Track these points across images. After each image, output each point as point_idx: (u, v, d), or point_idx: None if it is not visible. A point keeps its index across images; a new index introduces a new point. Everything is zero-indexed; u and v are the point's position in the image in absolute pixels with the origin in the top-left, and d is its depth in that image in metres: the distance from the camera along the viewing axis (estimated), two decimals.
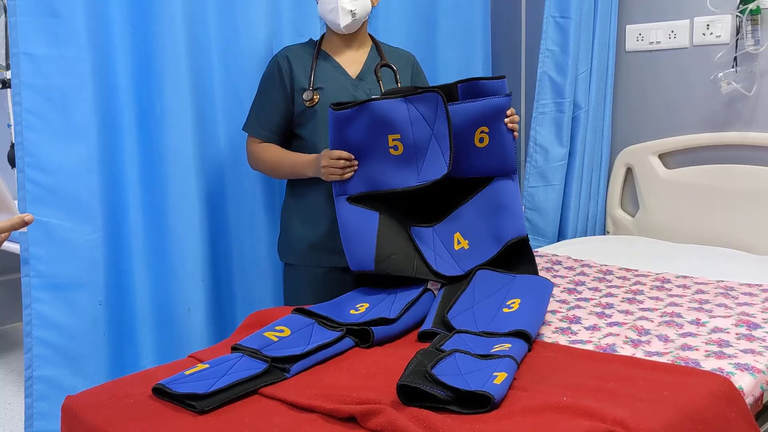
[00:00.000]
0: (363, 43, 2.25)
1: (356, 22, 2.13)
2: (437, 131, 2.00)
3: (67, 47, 1.92)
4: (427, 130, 2.01)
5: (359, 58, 2.23)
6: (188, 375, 1.52)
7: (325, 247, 2.19)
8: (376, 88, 2.19)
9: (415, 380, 1.38)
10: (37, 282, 1.90)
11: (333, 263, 2.19)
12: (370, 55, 2.25)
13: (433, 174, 2.01)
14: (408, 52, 2.37)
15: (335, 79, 2.17)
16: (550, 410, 1.30)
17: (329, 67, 2.19)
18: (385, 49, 2.29)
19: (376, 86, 2.19)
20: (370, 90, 2.18)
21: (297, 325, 1.75)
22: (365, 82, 2.19)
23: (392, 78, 2.25)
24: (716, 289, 2.15)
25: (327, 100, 2.12)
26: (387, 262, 2.00)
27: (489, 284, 1.93)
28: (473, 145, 2.08)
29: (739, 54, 2.75)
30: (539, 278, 1.97)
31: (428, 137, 2.01)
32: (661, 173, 3.02)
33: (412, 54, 2.37)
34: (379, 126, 1.99)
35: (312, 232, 2.20)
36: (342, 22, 2.10)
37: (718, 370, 1.54)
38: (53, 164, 1.91)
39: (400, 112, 1.99)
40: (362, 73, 2.20)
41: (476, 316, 1.78)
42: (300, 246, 2.22)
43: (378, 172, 2.02)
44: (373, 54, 2.25)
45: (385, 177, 2.02)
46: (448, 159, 1.99)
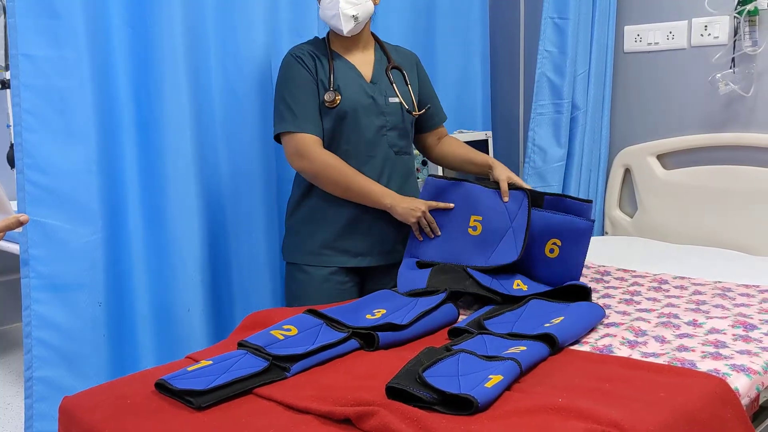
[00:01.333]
0: (368, 42, 2.27)
1: (359, 25, 2.15)
2: (516, 224, 2.09)
3: (67, 48, 1.92)
4: (508, 221, 2.10)
5: (368, 59, 2.25)
6: (191, 371, 1.53)
7: (332, 247, 2.20)
8: (391, 90, 2.22)
9: (402, 382, 1.40)
10: (37, 283, 1.91)
11: (339, 264, 2.20)
12: (377, 55, 2.27)
13: (501, 260, 2.08)
14: (410, 51, 2.39)
15: (353, 80, 2.18)
16: (545, 411, 1.31)
17: (345, 68, 2.19)
18: (388, 48, 2.31)
19: (390, 89, 2.22)
20: (386, 93, 2.21)
21: (305, 325, 1.75)
22: (379, 84, 2.22)
23: (402, 79, 2.27)
24: (713, 290, 2.16)
25: (347, 101, 2.14)
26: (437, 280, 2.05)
27: (540, 309, 1.90)
28: (542, 253, 2.13)
29: (737, 55, 2.76)
30: (593, 304, 1.91)
31: (507, 227, 2.10)
32: (659, 174, 3.02)
33: (414, 53, 2.39)
34: (466, 204, 2.14)
35: (320, 232, 2.20)
36: (345, 28, 2.11)
37: (714, 371, 1.54)
38: (52, 165, 1.92)
39: (489, 198, 2.11)
40: (375, 76, 2.23)
41: (515, 327, 1.76)
42: (307, 246, 2.21)
43: (453, 245, 2.13)
44: (378, 54, 2.27)
45: (457, 252, 2.12)
46: (520, 250, 2.06)
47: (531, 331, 1.70)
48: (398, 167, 2.25)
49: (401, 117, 2.24)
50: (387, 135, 2.21)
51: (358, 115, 2.16)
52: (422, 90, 2.36)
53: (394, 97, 2.22)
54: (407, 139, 2.30)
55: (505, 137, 3.45)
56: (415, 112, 2.27)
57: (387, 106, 2.21)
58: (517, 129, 3.43)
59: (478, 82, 3.19)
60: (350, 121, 2.15)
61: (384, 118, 2.20)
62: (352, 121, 2.15)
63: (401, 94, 2.24)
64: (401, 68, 2.28)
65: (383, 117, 2.20)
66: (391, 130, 2.22)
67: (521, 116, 3.40)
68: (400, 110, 2.24)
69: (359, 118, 2.16)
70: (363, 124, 2.17)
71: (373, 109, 2.18)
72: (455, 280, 2.05)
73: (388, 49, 2.30)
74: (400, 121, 2.24)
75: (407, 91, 2.28)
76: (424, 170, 2.72)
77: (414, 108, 2.28)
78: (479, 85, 3.19)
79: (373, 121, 2.18)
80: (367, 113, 2.17)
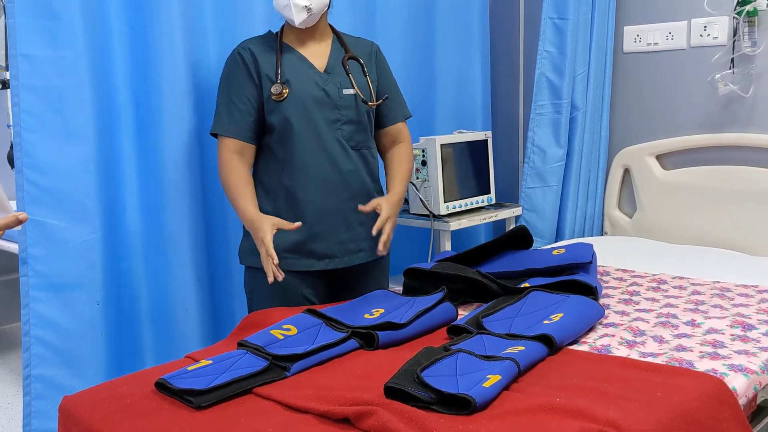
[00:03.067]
0: (324, 35, 2.15)
1: (313, 17, 2.04)
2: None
3: (66, 49, 1.92)
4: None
5: (323, 51, 2.13)
6: (190, 371, 1.54)
7: (296, 250, 2.07)
8: (346, 81, 2.10)
9: (401, 382, 1.40)
10: (36, 282, 1.91)
11: (305, 267, 2.08)
12: (333, 47, 2.15)
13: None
14: (370, 41, 2.26)
15: (303, 72, 2.07)
16: (542, 411, 1.31)
17: (295, 60, 2.08)
18: (347, 39, 2.19)
19: (346, 79, 2.10)
20: (340, 83, 2.09)
21: (304, 325, 1.76)
22: (333, 75, 2.10)
23: (360, 70, 2.15)
24: (712, 290, 2.16)
25: (296, 94, 2.04)
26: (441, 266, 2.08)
27: (539, 302, 1.89)
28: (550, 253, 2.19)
29: (736, 55, 2.76)
30: (592, 301, 1.90)
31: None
32: (659, 174, 3.03)
33: (375, 43, 2.26)
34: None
35: (282, 235, 2.01)
36: (297, 19, 2.01)
37: (712, 371, 1.54)
38: (52, 165, 1.92)
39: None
40: (329, 66, 2.11)
41: (513, 325, 1.76)
42: None
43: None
44: (336, 46, 2.16)
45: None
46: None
47: (529, 329, 1.71)
48: (353, 164, 2.11)
49: (357, 110, 2.11)
50: (342, 129, 2.08)
51: (309, 107, 2.05)
52: (381, 81, 2.21)
53: (350, 89, 2.09)
54: (366, 133, 2.15)
55: (504, 137, 3.45)
56: (372, 102, 2.13)
57: (341, 98, 2.08)
58: (516, 129, 3.43)
59: (478, 82, 3.19)
60: (300, 114, 2.04)
61: (338, 112, 2.08)
62: (302, 113, 2.04)
63: (358, 85, 2.11)
64: (359, 59, 2.15)
65: (337, 110, 2.08)
66: (346, 123, 2.09)
67: (521, 116, 3.40)
68: (355, 102, 2.10)
69: (310, 110, 2.05)
70: (314, 116, 2.05)
71: (325, 102, 2.06)
72: (459, 269, 2.08)
73: (346, 40, 2.18)
74: (356, 114, 2.11)
75: (365, 82, 2.14)
76: (424, 170, 2.72)
77: (372, 98, 2.14)
78: (479, 86, 3.19)
79: (325, 114, 2.06)
80: (319, 106, 2.06)
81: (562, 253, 2.17)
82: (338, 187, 2.08)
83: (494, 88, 3.36)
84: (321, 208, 2.07)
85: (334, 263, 2.11)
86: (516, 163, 3.44)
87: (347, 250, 2.11)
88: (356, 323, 1.80)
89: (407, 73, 2.89)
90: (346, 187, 2.09)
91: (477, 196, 2.90)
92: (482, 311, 1.85)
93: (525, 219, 3.03)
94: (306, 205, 2.06)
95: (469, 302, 2.12)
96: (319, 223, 2.07)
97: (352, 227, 2.11)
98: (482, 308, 1.89)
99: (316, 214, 2.07)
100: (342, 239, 2.10)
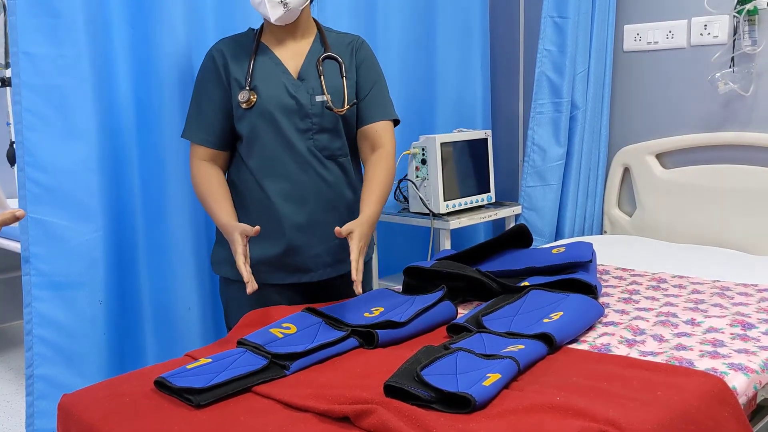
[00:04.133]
0: (306, 32, 2.01)
1: (290, 12, 1.90)
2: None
3: (67, 47, 1.92)
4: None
5: (301, 51, 2.00)
6: (190, 369, 1.54)
7: (272, 263, 2.00)
8: (318, 87, 1.96)
9: (400, 380, 1.40)
10: (38, 281, 1.91)
11: (279, 280, 2.01)
12: (314, 45, 2.01)
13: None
14: (355, 36, 2.09)
15: (274, 77, 1.95)
16: (542, 410, 1.31)
17: (268, 64, 1.96)
18: (331, 36, 2.05)
19: (318, 86, 1.96)
20: (313, 89, 1.96)
21: (304, 323, 1.76)
22: (307, 81, 1.96)
23: (337, 71, 2.00)
24: (712, 289, 2.16)
25: (264, 102, 1.93)
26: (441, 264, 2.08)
27: (539, 300, 1.89)
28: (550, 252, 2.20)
29: (736, 54, 2.76)
30: (592, 300, 1.89)
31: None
32: (658, 173, 3.03)
33: (359, 37, 2.09)
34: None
35: (256, 246, 1.94)
36: (273, 16, 1.88)
37: (712, 370, 1.54)
38: (53, 163, 1.92)
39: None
40: (303, 71, 1.97)
41: (513, 323, 1.76)
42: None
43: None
44: (317, 45, 2.02)
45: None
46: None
47: (529, 328, 1.71)
48: (329, 174, 2.00)
49: (331, 117, 1.98)
50: (314, 138, 1.97)
51: (277, 117, 1.93)
52: (363, 77, 2.04)
53: (321, 95, 1.96)
54: (342, 140, 2.02)
55: (504, 136, 3.45)
56: (339, 108, 1.97)
57: (312, 106, 1.96)
58: (516, 128, 3.43)
59: (478, 80, 3.19)
60: (269, 124, 1.94)
61: (309, 120, 1.96)
62: (271, 123, 1.94)
63: (332, 89, 1.97)
64: (337, 57, 1.99)
65: (308, 119, 1.96)
66: (318, 132, 1.97)
67: (521, 115, 3.40)
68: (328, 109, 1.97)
69: (278, 120, 1.93)
70: (283, 126, 1.94)
71: (295, 111, 1.94)
72: (459, 267, 2.09)
73: (328, 36, 2.04)
74: (329, 122, 1.98)
75: (341, 84, 1.98)
76: (424, 169, 2.72)
77: (343, 103, 1.97)
78: (479, 84, 3.20)
79: (295, 123, 1.95)
80: (289, 115, 1.94)
81: (561, 252, 2.18)
82: (313, 200, 1.98)
83: (494, 86, 3.36)
84: (296, 222, 1.97)
85: (309, 276, 2.04)
86: (516, 162, 3.44)
87: (323, 263, 2.03)
88: (356, 322, 1.80)
89: (407, 71, 2.89)
90: (321, 199, 1.99)
91: (477, 195, 2.90)
92: (482, 310, 1.85)
93: (525, 218, 3.03)
94: (281, 218, 1.97)
95: (468, 301, 2.12)
96: (294, 237, 1.98)
97: (328, 240, 2.00)
98: (482, 307, 1.89)
99: (291, 228, 1.97)
100: (318, 252, 2.02)
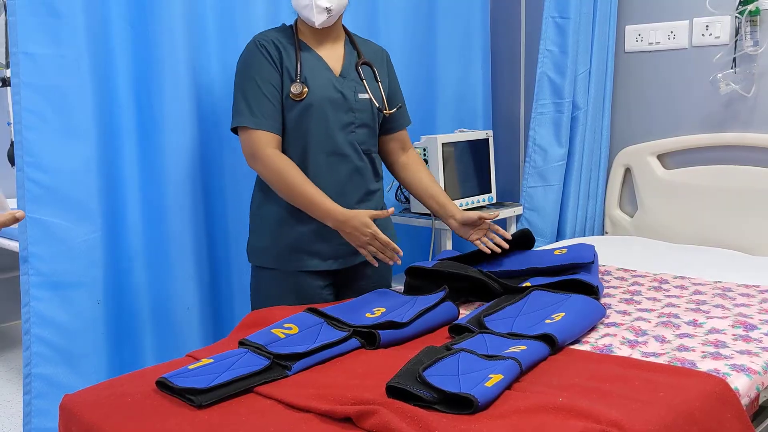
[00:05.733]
0: (338, 36, 2.14)
1: (332, 18, 2.03)
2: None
3: (67, 47, 1.92)
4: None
5: (337, 53, 2.12)
6: (191, 369, 1.54)
7: (304, 250, 2.06)
8: (361, 86, 2.11)
9: (403, 381, 1.40)
10: (36, 280, 1.91)
11: (311, 267, 2.08)
12: (347, 49, 2.15)
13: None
14: (380, 47, 2.27)
15: (321, 73, 2.06)
16: (545, 411, 1.31)
17: (313, 60, 2.06)
18: (358, 42, 2.19)
19: (360, 85, 2.11)
20: (355, 88, 2.09)
21: (306, 324, 1.76)
22: (348, 80, 2.09)
23: (372, 76, 2.16)
24: (714, 290, 2.16)
25: (314, 95, 2.02)
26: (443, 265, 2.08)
27: (541, 301, 1.89)
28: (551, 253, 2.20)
29: (738, 55, 2.76)
30: (594, 301, 1.89)
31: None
32: (660, 174, 3.02)
33: (385, 50, 2.27)
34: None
35: (288, 235, 2.05)
36: (317, 20, 2.00)
37: (714, 371, 1.54)
38: (52, 163, 1.92)
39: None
40: (344, 70, 2.10)
41: (515, 324, 1.75)
42: (277, 248, 2.07)
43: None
44: (348, 48, 2.15)
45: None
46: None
47: (531, 329, 1.71)
48: (364, 166, 2.12)
49: (371, 114, 2.12)
50: (355, 132, 2.09)
51: (326, 109, 2.04)
52: (391, 88, 2.24)
53: (364, 93, 2.10)
54: (375, 138, 2.18)
55: (505, 136, 3.45)
56: (386, 110, 2.16)
57: (356, 102, 2.09)
58: (517, 128, 3.43)
59: (479, 81, 3.19)
60: (317, 116, 2.03)
61: (353, 115, 2.08)
62: (318, 115, 2.03)
63: (371, 91, 2.12)
64: (371, 64, 2.16)
65: (352, 113, 2.08)
66: (359, 127, 2.10)
67: (522, 115, 3.40)
68: (370, 107, 2.12)
69: (326, 112, 2.04)
70: (330, 119, 2.04)
71: (341, 105, 2.06)
72: (461, 268, 2.09)
73: (358, 43, 2.18)
74: (370, 119, 2.12)
75: (377, 88, 2.16)
76: None
77: (384, 106, 2.16)
78: (480, 84, 3.19)
79: (341, 117, 2.06)
80: (335, 108, 2.05)
81: (563, 253, 2.17)
82: (348, 189, 2.09)
83: (495, 87, 3.36)
84: None
85: (338, 264, 2.11)
86: (517, 162, 3.44)
87: (352, 252, 2.08)
88: (357, 322, 1.80)
89: (408, 72, 2.89)
90: (355, 188, 2.11)
91: (478, 195, 2.90)
92: (484, 310, 1.85)
93: (526, 218, 3.02)
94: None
95: (470, 301, 2.11)
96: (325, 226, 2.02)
97: None
98: (484, 307, 1.88)
99: None
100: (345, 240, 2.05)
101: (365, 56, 2.16)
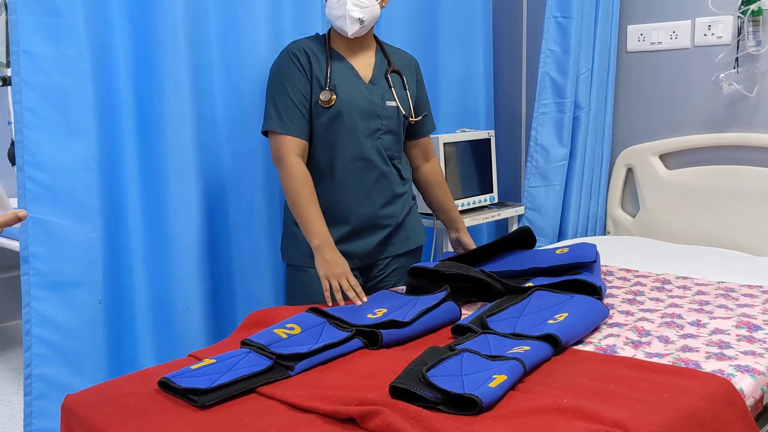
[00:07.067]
0: (370, 44, 2.23)
1: (364, 28, 2.12)
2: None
3: (67, 46, 1.91)
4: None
5: (368, 61, 2.21)
6: (194, 370, 1.54)
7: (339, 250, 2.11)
8: (389, 93, 2.19)
9: (406, 382, 1.40)
10: (37, 280, 1.90)
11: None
12: (377, 57, 2.24)
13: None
14: (410, 55, 2.36)
15: (350, 81, 2.15)
16: (549, 412, 1.30)
17: (344, 68, 2.16)
18: (389, 51, 2.28)
19: (389, 92, 2.19)
20: (383, 94, 2.18)
21: (308, 324, 1.75)
22: (377, 87, 2.18)
23: (401, 84, 2.24)
24: (717, 291, 2.15)
25: (343, 102, 2.10)
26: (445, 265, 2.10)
27: (543, 301, 1.89)
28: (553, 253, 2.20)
29: (740, 55, 2.75)
30: (597, 301, 1.89)
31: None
32: (662, 174, 3.02)
33: (414, 58, 2.37)
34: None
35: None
36: (350, 30, 2.08)
37: (719, 371, 1.53)
38: (53, 163, 1.91)
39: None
40: (374, 78, 2.19)
41: (517, 325, 1.75)
42: (307, 247, 2.12)
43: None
44: (379, 57, 2.24)
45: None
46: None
47: (534, 329, 1.70)
48: (389, 172, 2.21)
49: (397, 121, 2.21)
50: (382, 138, 2.18)
51: (354, 116, 2.12)
52: (419, 96, 2.32)
53: (392, 101, 2.19)
54: (400, 144, 2.27)
55: (507, 136, 3.44)
56: (412, 118, 2.25)
57: (384, 109, 2.18)
58: (519, 128, 3.42)
59: (481, 80, 3.18)
60: (345, 122, 2.11)
61: (380, 122, 2.17)
62: (346, 121, 2.11)
63: (399, 99, 2.21)
64: (401, 72, 2.25)
65: (379, 120, 2.17)
66: (386, 133, 2.19)
67: (524, 115, 3.39)
68: (397, 114, 2.20)
69: (354, 119, 2.12)
70: (358, 125, 2.13)
71: (369, 112, 2.15)
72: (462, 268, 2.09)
73: (388, 51, 2.27)
74: (396, 126, 2.21)
75: (405, 95, 2.24)
76: None
77: (411, 114, 2.25)
78: (482, 84, 3.18)
79: (368, 124, 2.15)
80: (363, 115, 2.14)
81: (565, 253, 2.17)
82: (374, 193, 2.18)
83: (497, 86, 3.35)
84: (357, 213, 2.17)
85: (367, 260, 2.24)
86: (519, 162, 3.43)
87: (376, 253, 2.24)
88: (359, 322, 1.79)
89: None
90: (381, 193, 2.20)
91: (479, 195, 2.89)
92: (486, 311, 1.84)
93: (528, 218, 3.02)
94: (346, 210, 2.16)
95: (472, 301, 2.11)
96: (353, 228, 2.17)
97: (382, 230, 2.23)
98: (486, 308, 1.88)
99: (355, 218, 2.17)
100: (374, 241, 2.22)
101: (395, 64, 2.25)
